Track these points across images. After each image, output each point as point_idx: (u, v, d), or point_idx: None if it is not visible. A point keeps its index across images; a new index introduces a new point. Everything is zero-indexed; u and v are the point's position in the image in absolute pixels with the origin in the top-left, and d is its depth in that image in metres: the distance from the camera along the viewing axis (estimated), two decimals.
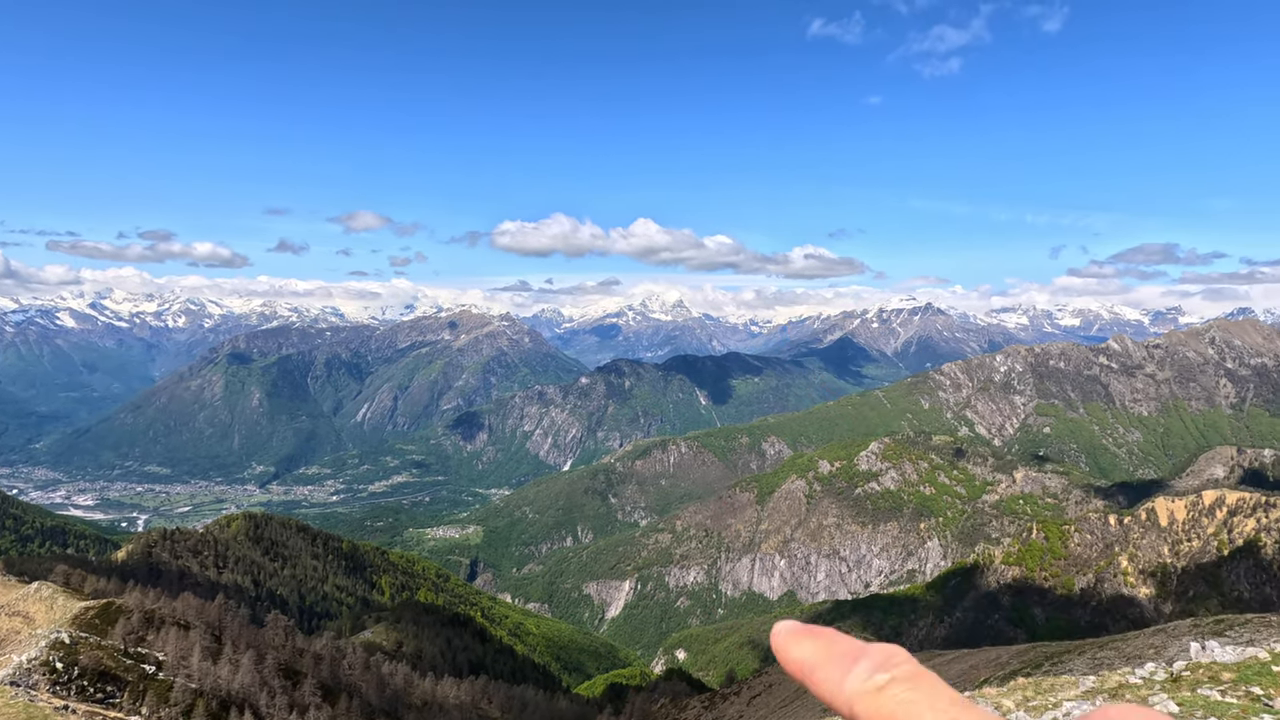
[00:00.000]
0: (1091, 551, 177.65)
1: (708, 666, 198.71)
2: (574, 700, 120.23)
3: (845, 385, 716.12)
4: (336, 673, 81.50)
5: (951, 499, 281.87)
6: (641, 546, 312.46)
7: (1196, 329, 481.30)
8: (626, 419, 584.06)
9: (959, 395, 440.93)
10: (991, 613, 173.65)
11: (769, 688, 78.79)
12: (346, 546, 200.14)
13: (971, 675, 47.42)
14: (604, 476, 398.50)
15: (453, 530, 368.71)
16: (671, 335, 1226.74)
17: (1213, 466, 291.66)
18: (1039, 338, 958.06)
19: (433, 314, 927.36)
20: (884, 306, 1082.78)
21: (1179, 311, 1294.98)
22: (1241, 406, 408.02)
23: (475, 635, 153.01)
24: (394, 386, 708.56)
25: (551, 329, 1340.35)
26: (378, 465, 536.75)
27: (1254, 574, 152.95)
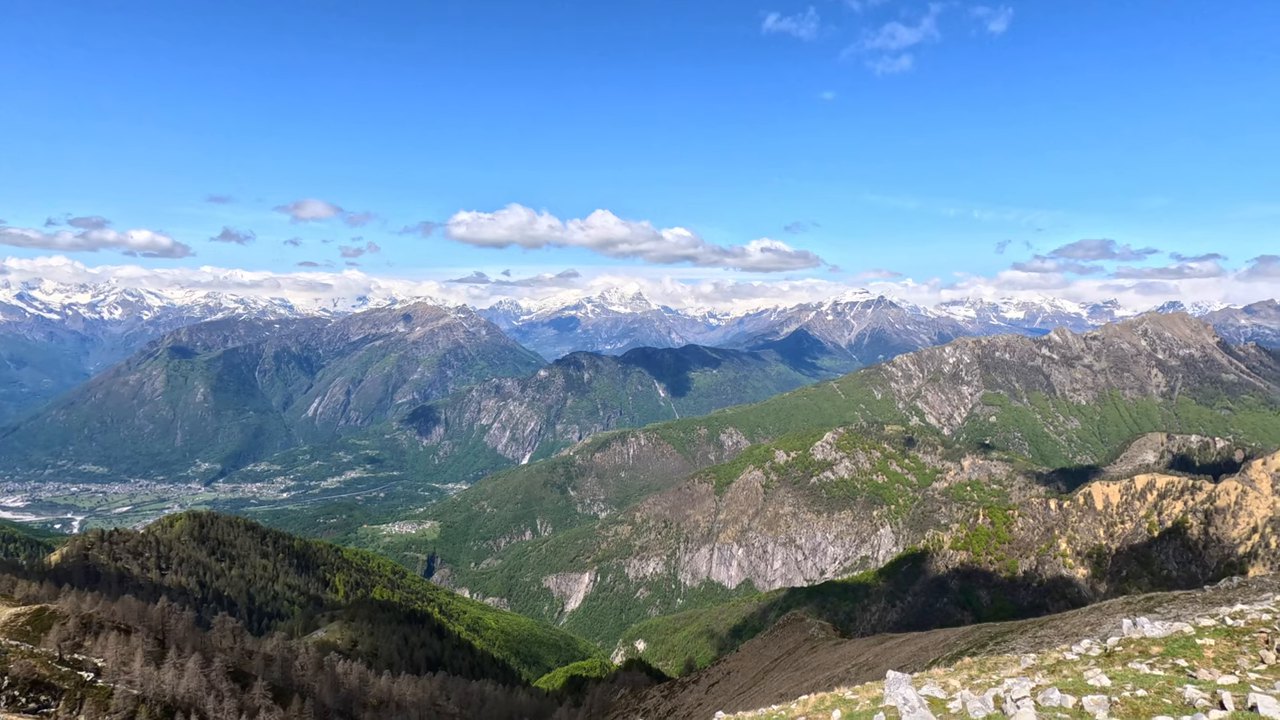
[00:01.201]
0: (1033, 535, 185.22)
1: (667, 656, 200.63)
2: (534, 694, 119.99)
3: (801, 377, 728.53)
4: (288, 674, 79.56)
5: (903, 487, 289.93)
6: (601, 539, 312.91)
7: (1130, 322, 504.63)
8: (586, 412, 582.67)
9: (910, 386, 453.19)
10: (941, 596, 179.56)
11: (727, 675, 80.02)
12: (298, 545, 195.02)
13: (921, 657, 49.04)
14: (563, 469, 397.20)
15: (409, 526, 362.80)
16: (630, 328, 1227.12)
17: (1144, 452, 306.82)
18: (986, 330, 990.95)
19: (387, 306, 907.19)
20: (838, 299, 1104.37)
21: (1115, 305, 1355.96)
22: (1171, 395, 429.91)
23: (433, 631, 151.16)
24: (347, 380, 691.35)
25: (509, 321, 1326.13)
26: (330, 461, 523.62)
27: (1181, 553, 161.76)
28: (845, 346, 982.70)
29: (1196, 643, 15.39)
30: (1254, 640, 15.17)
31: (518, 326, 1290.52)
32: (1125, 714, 7.12)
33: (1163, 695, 7.73)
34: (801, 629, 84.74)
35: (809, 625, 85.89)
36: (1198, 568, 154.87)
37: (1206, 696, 7.42)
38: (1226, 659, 14.44)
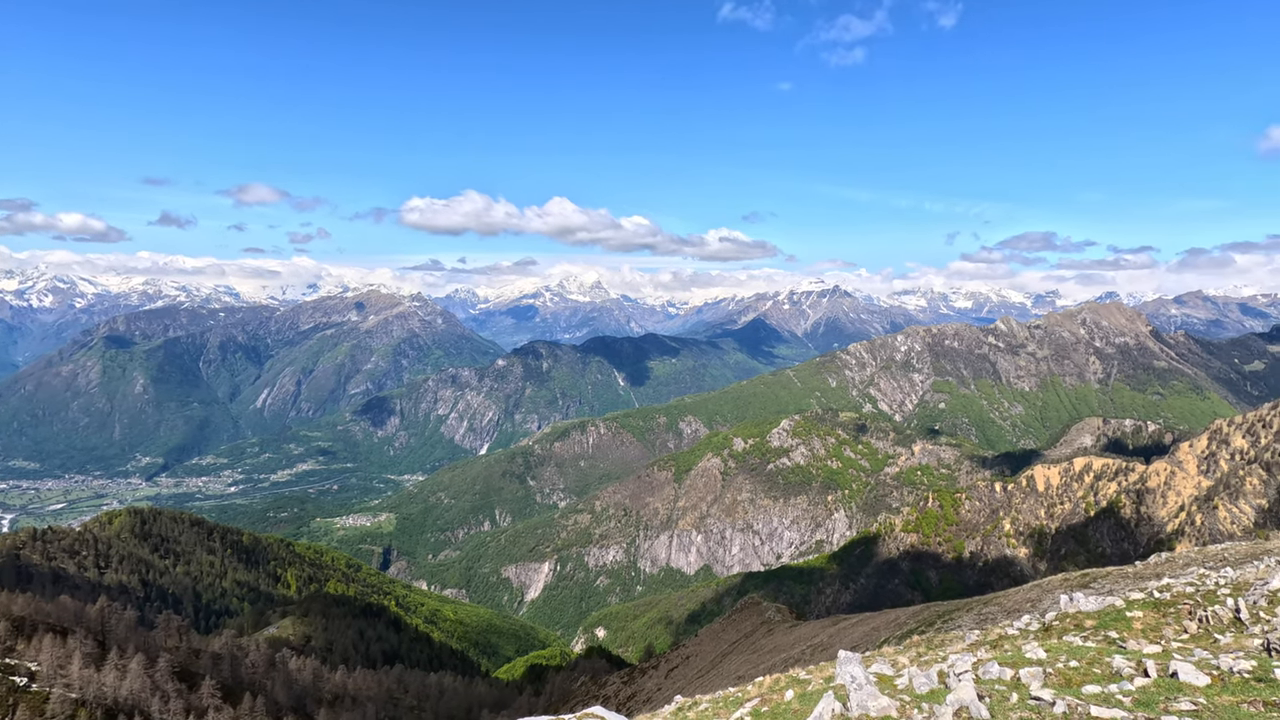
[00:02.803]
0: (979, 517, 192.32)
1: (627, 643, 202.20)
2: (493, 684, 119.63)
3: (758, 365, 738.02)
4: (238, 672, 77.54)
5: (856, 472, 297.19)
6: (561, 528, 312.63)
7: (1070, 311, 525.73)
8: (545, 401, 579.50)
9: (864, 374, 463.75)
10: (892, 577, 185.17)
11: (686, 659, 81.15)
12: (247, 540, 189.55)
13: (873, 636, 50.58)
14: (522, 459, 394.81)
15: (364, 519, 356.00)
16: (590, 316, 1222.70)
17: (1082, 436, 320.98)
18: (936, 319, 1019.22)
19: (338, 294, 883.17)
20: (794, 289, 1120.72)
21: (1056, 295, 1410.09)
22: (1107, 381, 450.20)
23: (389, 625, 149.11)
24: (297, 370, 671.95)
25: (466, 310, 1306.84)
26: (280, 453, 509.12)
27: (1115, 531, 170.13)
28: (801, 335, 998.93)
29: (1127, 615, 16.27)
30: (1179, 612, 16.13)
31: (475, 315, 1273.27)
32: (1058, 684, 7.52)
33: (1093, 665, 8.17)
34: (759, 612, 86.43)
35: (766, 609, 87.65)
36: (1130, 545, 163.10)
37: (1132, 665, 7.88)
38: (1153, 630, 15.31)
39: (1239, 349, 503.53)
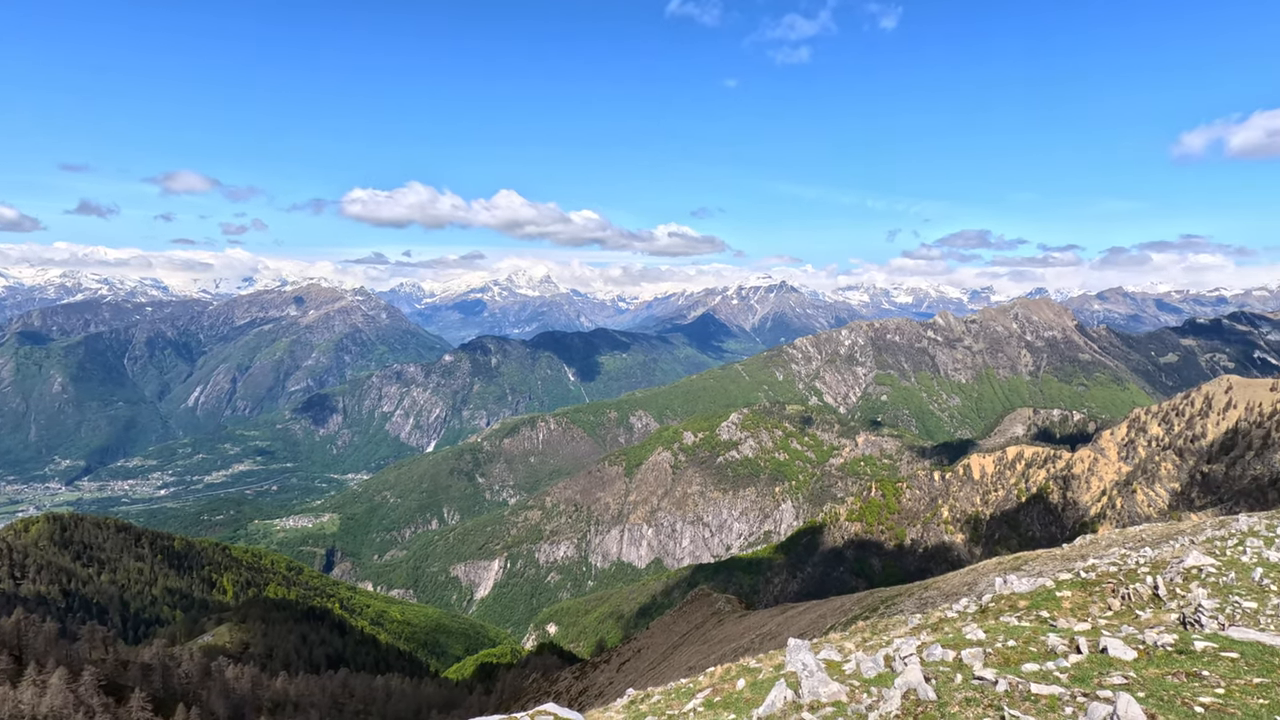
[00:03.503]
0: (919, 505, 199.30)
1: (579, 638, 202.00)
2: (442, 684, 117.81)
3: (708, 359, 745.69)
4: (170, 683, 74.22)
5: (803, 463, 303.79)
6: (511, 525, 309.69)
7: (1004, 306, 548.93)
8: (493, 397, 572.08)
9: (810, 367, 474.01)
10: (837, 566, 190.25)
11: (638, 652, 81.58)
12: (179, 544, 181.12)
13: (820, 624, 51.86)
14: (471, 456, 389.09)
15: (305, 520, 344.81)
16: (539, 311, 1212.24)
17: (1015, 425, 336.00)
18: (878, 314, 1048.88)
19: (276, 287, 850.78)
20: (743, 284, 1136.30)
21: (991, 291, 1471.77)
22: (1037, 373, 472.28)
23: (333, 628, 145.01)
24: (232, 367, 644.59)
25: (411, 304, 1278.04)
26: (215, 454, 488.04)
27: (1044, 516, 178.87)
28: (750, 330, 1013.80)
29: (1056, 596, 17.11)
30: (1103, 590, 17.05)
31: (420, 310, 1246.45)
32: (998, 663, 7.84)
33: (1029, 644, 8.56)
34: (709, 603, 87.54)
35: (716, 600, 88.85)
36: (1057, 529, 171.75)
37: (1066, 643, 8.29)
38: (1081, 608, 16.15)
39: (1155, 342, 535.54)
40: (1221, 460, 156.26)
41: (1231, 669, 6.50)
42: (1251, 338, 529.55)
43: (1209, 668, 6.55)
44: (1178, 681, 6.51)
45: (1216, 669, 6.52)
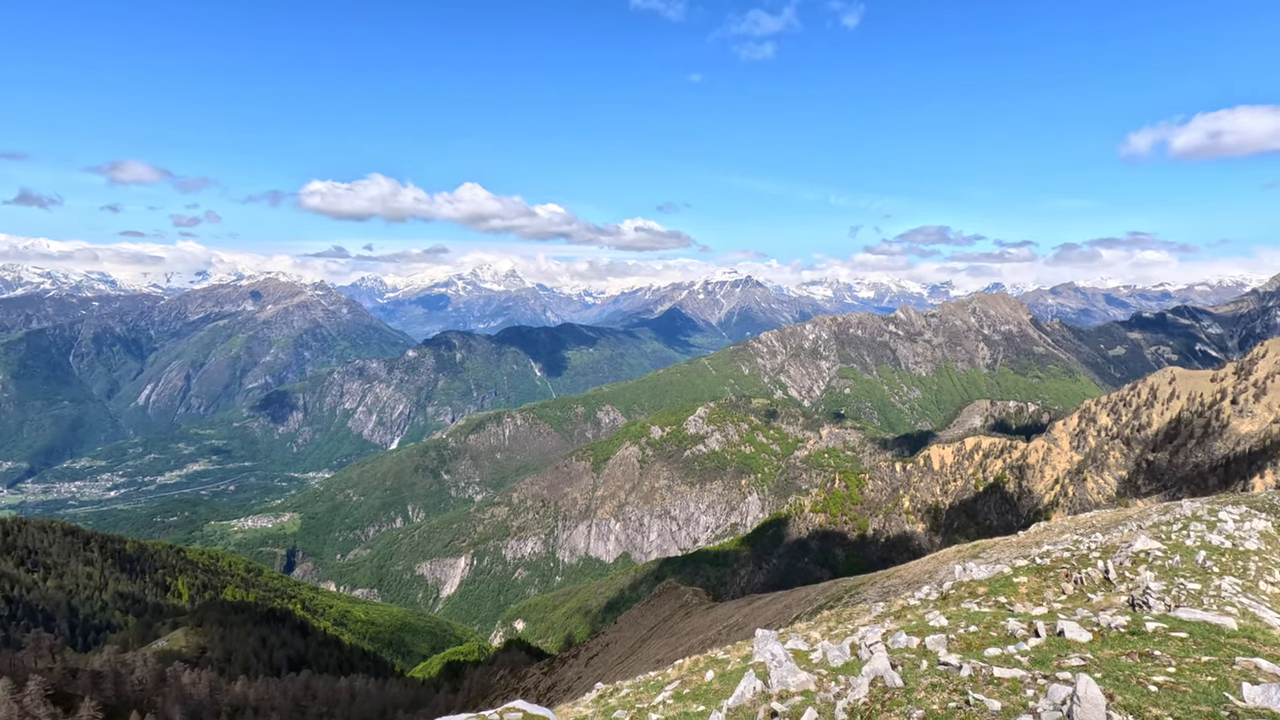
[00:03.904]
0: (882, 496, 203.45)
1: (547, 634, 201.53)
2: (408, 684, 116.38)
3: (675, 354, 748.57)
4: (123, 690, 71.82)
5: (769, 456, 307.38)
6: (477, 522, 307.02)
7: (962, 301, 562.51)
8: (458, 393, 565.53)
9: (775, 361, 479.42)
10: (802, 556, 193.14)
11: (606, 646, 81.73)
12: (131, 547, 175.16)
13: (786, 614, 52.61)
14: (435, 453, 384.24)
15: (265, 520, 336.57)
16: (505, 306, 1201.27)
17: (973, 417, 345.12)
18: (841, 308, 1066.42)
19: (231, 282, 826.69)
20: (709, 279, 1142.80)
21: (950, 286, 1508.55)
22: (994, 366, 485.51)
23: (295, 630, 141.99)
24: (186, 364, 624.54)
25: (373, 299, 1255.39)
26: (168, 454, 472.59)
27: (1000, 505, 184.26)
28: (716, 324, 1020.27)
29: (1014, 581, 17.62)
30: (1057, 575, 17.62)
31: (383, 305, 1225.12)
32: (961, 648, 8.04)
33: (990, 629, 8.81)
34: (676, 596, 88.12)
35: (683, 592, 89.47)
36: (1013, 517, 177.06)
37: (1025, 627, 8.55)
38: (1037, 593, 16.66)
39: (1104, 336, 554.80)
40: (1166, 448, 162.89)
41: (1181, 648, 6.80)
42: (1193, 331, 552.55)
43: (1160, 647, 6.85)
44: (1132, 662, 6.75)
45: (1167, 649, 6.82)
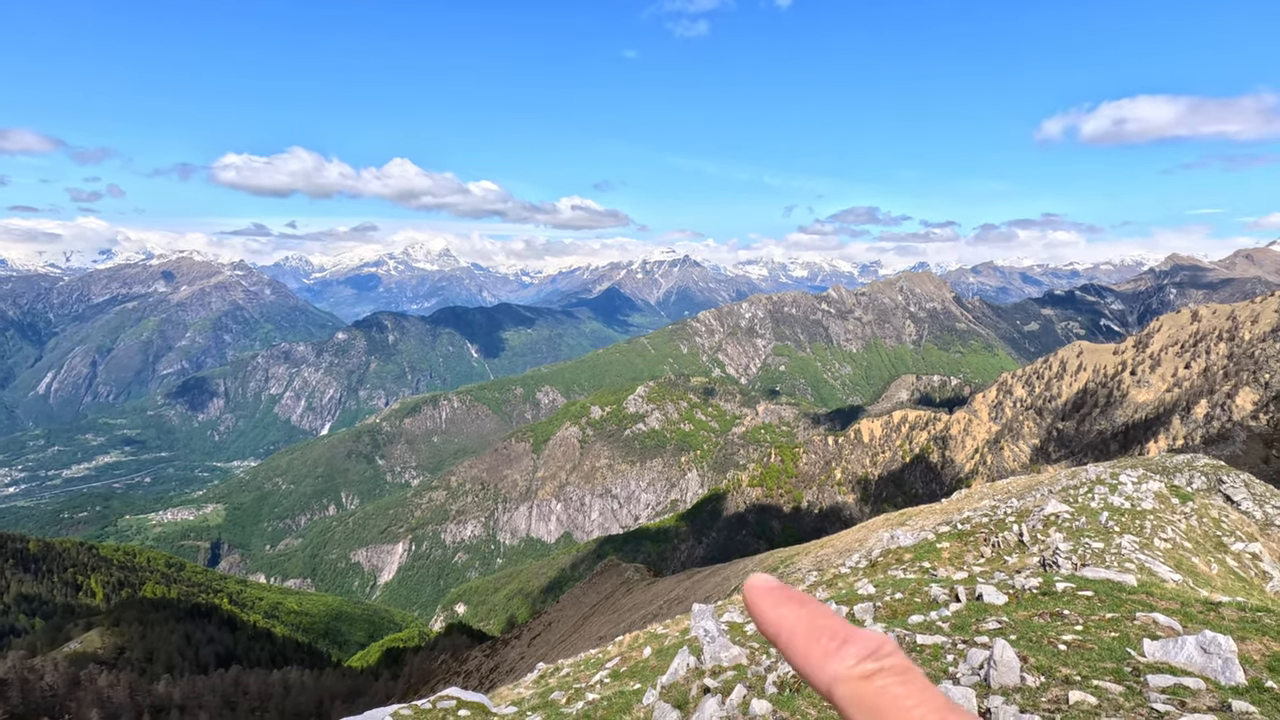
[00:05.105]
0: (815, 469, 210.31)
1: (489, 616, 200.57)
2: (346, 673, 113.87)
3: (614, 334, 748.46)
4: (31, 697, 67.50)
5: (707, 433, 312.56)
6: (414, 506, 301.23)
7: (890, 280, 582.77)
8: (392, 376, 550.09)
9: (712, 340, 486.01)
10: (740, 529, 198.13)
11: (549, 626, 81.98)
12: (35, 546, 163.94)
13: (724, 586, 53.89)
14: (369, 438, 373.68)
15: (185, 512, 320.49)
16: (439, 286, 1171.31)
17: (900, 391, 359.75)
18: (776, 287, 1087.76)
19: (140, 261, 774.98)
20: (647, 259, 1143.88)
21: (879, 265, 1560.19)
22: (920, 342, 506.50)
23: (223, 625, 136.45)
24: (91, 349, 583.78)
25: (299, 279, 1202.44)
26: (74, 445, 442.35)
27: (925, 474, 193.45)
28: (654, 303, 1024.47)
29: (937, 547, 18.46)
30: (976, 539, 18.56)
31: (309, 285, 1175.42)
32: (886, 616, 8.33)
33: (914, 595, 9.16)
34: (618, 573, 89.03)
35: (625, 569, 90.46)
36: (937, 485, 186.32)
37: (947, 592, 8.93)
38: (958, 557, 17.50)
39: (1020, 312, 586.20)
40: (1074, 417, 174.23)
41: (1087, 606, 7.23)
42: (1099, 307, 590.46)
43: (1069, 607, 7.26)
44: (1044, 622, 7.08)
45: (1075, 607, 7.24)
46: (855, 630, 0.81)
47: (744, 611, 16.65)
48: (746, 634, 8.81)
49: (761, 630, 0.82)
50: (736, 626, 9.57)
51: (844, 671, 0.81)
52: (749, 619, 11.00)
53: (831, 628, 0.82)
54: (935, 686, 0.83)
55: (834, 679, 0.81)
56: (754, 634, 8.52)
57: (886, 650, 0.82)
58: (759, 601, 0.82)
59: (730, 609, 18.07)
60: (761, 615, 0.81)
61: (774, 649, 7.02)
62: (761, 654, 7.13)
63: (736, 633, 8.92)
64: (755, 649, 7.37)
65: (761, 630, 0.82)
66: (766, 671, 6.57)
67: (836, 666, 0.81)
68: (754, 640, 7.98)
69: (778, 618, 0.82)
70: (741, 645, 7.50)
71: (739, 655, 7.09)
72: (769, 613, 0.82)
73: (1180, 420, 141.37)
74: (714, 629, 7.51)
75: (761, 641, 7.84)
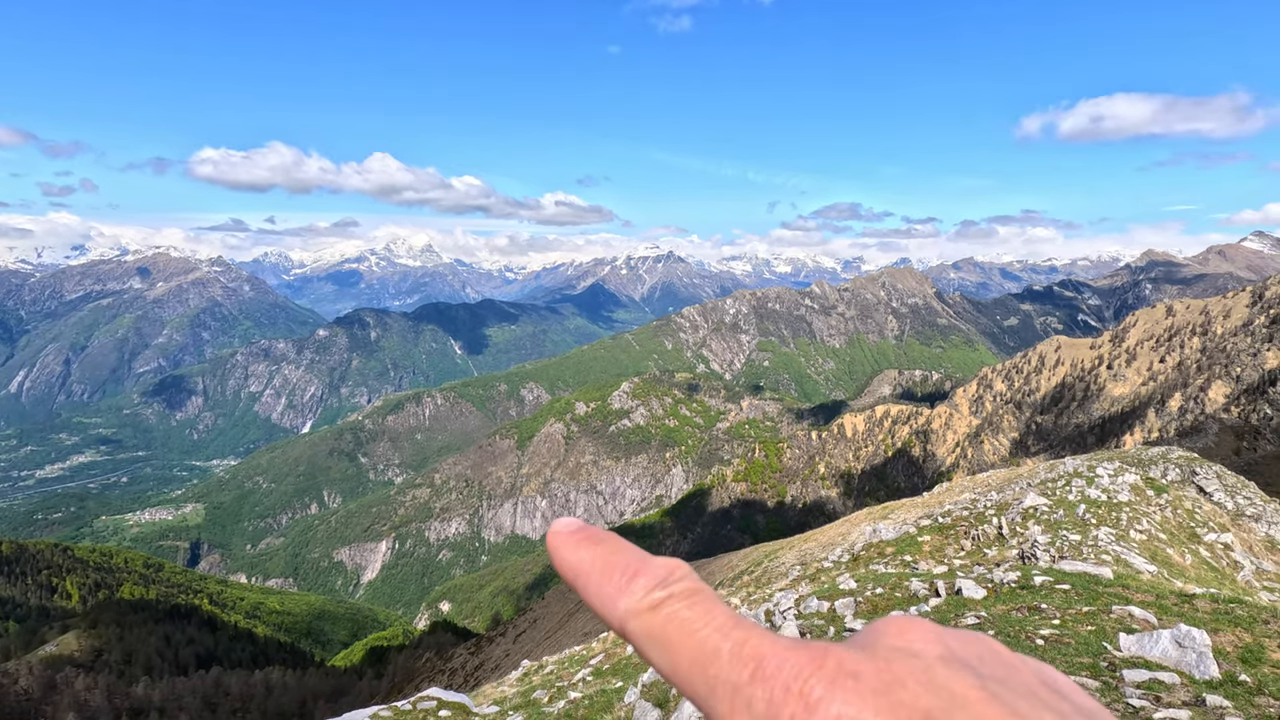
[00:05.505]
0: (799, 463, 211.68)
1: (474, 614, 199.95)
2: (329, 673, 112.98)
3: (598, 330, 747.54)
4: (6, 701, 66.35)
5: (692, 429, 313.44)
6: (398, 504, 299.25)
7: (872, 275, 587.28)
8: (374, 373, 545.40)
9: (697, 336, 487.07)
10: (725, 524, 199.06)
11: (534, 623, 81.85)
12: (8, 548, 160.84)
13: (709, 580, 54.08)
14: (351, 435, 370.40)
15: (164, 512, 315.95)
16: (421, 282, 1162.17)
17: (882, 386, 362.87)
18: (760, 283, 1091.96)
19: (115, 257, 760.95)
20: (631, 254, 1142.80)
21: (861, 261, 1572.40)
22: (902, 337, 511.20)
23: (203, 625, 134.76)
24: (64, 347, 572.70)
25: (278, 275, 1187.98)
26: (47, 445, 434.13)
27: (907, 468, 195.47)
28: (639, 299, 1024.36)
29: (918, 540, 18.63)
30: (956, 533, 18.76)
31: (289, 281, 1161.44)
32: (867, 611, 8.38)
33: (895, 590, 9.22)
34: None
35: None
36: (919, 479, 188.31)
37: (926, 587, 9.00)
38: (939, 550, 17.68)
39: (1000, 308, 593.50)
40: (1052, 411, 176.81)
41: (1065, 600, 7.31)
42: (1076, 303, 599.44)
43: (1046, 600, 7.35)
44: (1021, 617, 7.12)
45: (1053, 601, 7.32)
46: (648, 560, 0.77)
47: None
48: None
49: (563, 577, 0.78)
50: None
51: (633, 605, 0.77)
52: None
53: (624, 563, 0.77)
54: (724, 603, 0.79)
55: (625, 615, 0.77)
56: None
57: (677, 576, 0.77)
58: (559, 548, 0.78)
59: None
60: (561, 562, 0.78)
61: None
62: None
63: None
64: None
65: (563, 577, 0.78)
66: None
67: (627, 601, 0.77)
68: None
69: (575, 560, 0.78)
70: None
71: None
72: (568, 557, 0.78)
73: (1155, 413, 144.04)
74: None
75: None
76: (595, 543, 0.77)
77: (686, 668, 0.76)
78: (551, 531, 0.78)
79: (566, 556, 0.78)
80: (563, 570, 0.77)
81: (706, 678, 0.76)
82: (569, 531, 0.78)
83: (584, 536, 0.77)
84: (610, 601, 0.77)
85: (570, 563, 0.78)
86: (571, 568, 0.78)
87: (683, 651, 0.76)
